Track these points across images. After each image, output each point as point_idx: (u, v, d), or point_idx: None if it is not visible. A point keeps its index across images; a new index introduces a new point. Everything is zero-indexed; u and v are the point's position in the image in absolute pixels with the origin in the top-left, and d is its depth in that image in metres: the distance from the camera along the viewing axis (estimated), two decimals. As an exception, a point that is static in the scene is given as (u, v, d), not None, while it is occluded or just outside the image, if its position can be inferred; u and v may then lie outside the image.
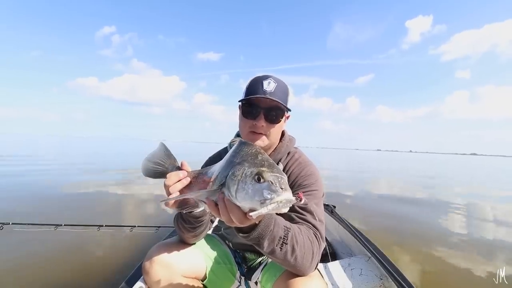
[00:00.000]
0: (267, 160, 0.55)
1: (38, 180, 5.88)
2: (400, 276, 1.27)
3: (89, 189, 5.26)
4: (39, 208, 3.67)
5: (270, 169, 0.51)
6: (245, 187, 0.50)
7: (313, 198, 0.90)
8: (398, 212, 4.50)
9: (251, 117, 0.94)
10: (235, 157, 0.59)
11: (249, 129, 0.95)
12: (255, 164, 0.53)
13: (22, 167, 7.92)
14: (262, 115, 0.93)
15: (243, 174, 0.51)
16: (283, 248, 0.70)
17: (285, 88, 0.96)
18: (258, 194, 0.48)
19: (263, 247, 0.68)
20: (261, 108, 0.93)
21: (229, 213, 0.54)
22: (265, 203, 0.48)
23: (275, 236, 0.68)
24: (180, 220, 0.92)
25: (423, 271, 2.30)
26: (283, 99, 0.93)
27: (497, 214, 4.76)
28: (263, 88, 0.91)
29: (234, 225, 0.57)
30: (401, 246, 2.86)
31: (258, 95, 0.90)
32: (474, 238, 3.34)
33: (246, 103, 0.95)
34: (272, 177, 0.49)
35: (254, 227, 0.65)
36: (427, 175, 12.76)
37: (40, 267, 2.03)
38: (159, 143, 0.77)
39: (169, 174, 0.69)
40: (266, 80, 0.92)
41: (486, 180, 12.11)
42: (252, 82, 0.95)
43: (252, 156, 0.56)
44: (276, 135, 1.00)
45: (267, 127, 0.95)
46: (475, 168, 22.19)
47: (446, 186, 8.99)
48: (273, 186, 0.48)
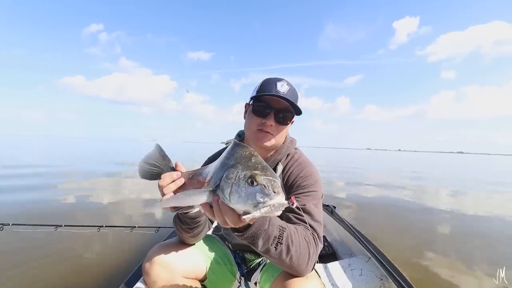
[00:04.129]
0: (261, 163, 0.55)
1: (37, 181, 5.88)
2: (400, 276, 1.27)
3: (89, 189, 5.27)
4: (39, 209, 3.67)
5: (263, 172, 0.52)
6: (238, 190, 0.51)
7: (311, 199, 0.90)
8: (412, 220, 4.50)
9: (261, 115, 0.94)
10: (229, 159, 0.59)
11: (257, 127, 0.95)
12: (249, 167, 0.53)
13: (21, 167, 7.93)
14: (273, 114, 0.93)
15: (237, 177, 0.52)
16: (277, 248, 0.70)
17: (296, 93, 0.96)
18: (251, 197, 0.49)
19: (258, 246, 0.69)
20: (272, 107, 0.93)
21: (223, 215, 0.55)
22: (258, 207, 0.48)
23: (269, 235, 0.69)
24: (178, 221, 0.93)
25: (421, 271, 2.29)
26: (295, 102, 0.94)
27: (496, 214, 4.76)
28: (277, 88, 0.91)
29: (228, 226, 0.58)
30: (396, 246, 2.86)
31: (271, 94, 0.91)
32: (474, 238, 3.34)
33: (258, 101, 0.95)
34: (265, 181, 0.50)
35: (249, 226, 0.66)
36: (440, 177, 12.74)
37: (40, 268, 2.03)
38: (154, 145, 0.77)
39: (163, 175, 0.69)
40: (280, 82, 0.93)
41: (486, 177, 12.11)
42: (265, 82, 0.96)
43: (245, 159, 0.56)
44: (282, 137, 1.00)
45: (276, 127, 0.95)
46: (471, 167, 22.25)
47: (454, 185, 9.00)
48: (266, 190, 0.49)
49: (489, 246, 3.05)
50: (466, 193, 6.10)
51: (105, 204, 4.18)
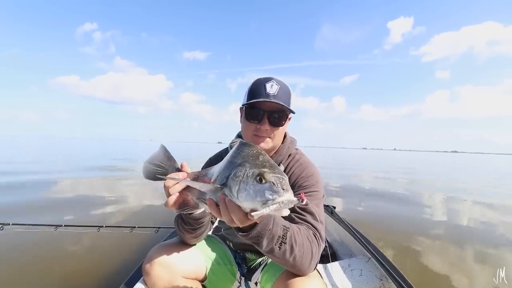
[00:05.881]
0: (268, 161, 0.55)
1: (36, 181, 5.87)
2: (400, 277, 1.27)
3: (89, 189, 5.26)
4: (39, 209, 3.67)
5: (271, 170, 0.52)
6: (246, 188, 0.50)
7: (313, 199, 0.90)
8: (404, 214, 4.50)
9: (255, 121, 0.94)
10: (236, 158, 0.59)
11: (253, 133, 0.95)
12: (257, 165, 0.53)
13: (21, 167, 7.92)
14: (266, 118, 0.93)
15: (245, 175, 0.52)
16: (281, 247, 0.71)
17: (288, 90, 0.95)
18: (260, 195, 0.49)
19: (262, 246, 0.69)
20: (265, 111, 0.92)
21: (230, 213, 0.55)
22: (266, 204, 0.48)
23: (274, 235, 0.69)
24: (180, 221, 0.92)
25: (421, 270, 2.30)
26: (286, 101, 0.93)
27: (496, 213, 4.76)
28: (266, 91, 0.90)
29: (234, 225, 0.58)
30: (396, 243, 2.86)
31: (261, 99, 0.90)
32: (474, 237, 3.34)
33: (250, 107, 0.94)
34: (274, 178, 0.50)
35: (254, 226, 0.66)
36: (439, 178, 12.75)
37: (40, 268, 2.03)
38: (159, 145, 0.77)
39: (169, 175, 0.69)
40: (268, 82, 0.92)
41: (483, 176, 12.13)
42: (254, 85, 0.95)
43: (253, 157, 0.56)
44: (280, 137, 1.00)
45: (271, 130, 0.95)
46: (467, 166, 22.21)
47: (450, 184, 9.00)
48: (274, 187, 0.49)
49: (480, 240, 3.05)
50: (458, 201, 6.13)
51: (105, 204, 4.17)
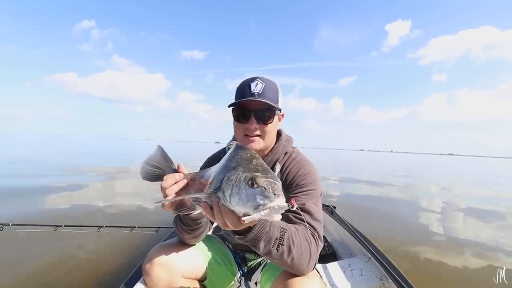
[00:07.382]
0: (262, 165, 0.55)
1: (36, 181, 5.87)
2: (400, 277, 1.27)
3: (89, 189, 5.26)
4: (39, 209, 3.67)
5: (264, 174, 0.51)
6: (239, 192, 0.50)
7: (311, 197, 0.90)
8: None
9: (243, 121, 0.94)
10: (230, 161, 0.59)
11: (243, 133, 0.95)
12: (249, 169, 0.53)
13: (20, 167, 7.92)
14: (253, 117, 0.92)
15: (237, 179, 0.52)
16: (279, 249, 0.70)
17: (274, 87, 0.95)
18: (251, 200, 0.49)
19: (259, 248, 0.68)
20: (251, 110, 0.92)
21: (224, 217, 0.55)
22: (258, 209, 0.48)
23: (271, 237, 0.69)
24: (179, 222, 0.93)
25: (421, 271, 2.29)
26: (273, 98, 0.93)
27: (495, 213, 4.76)
28: (251, 90, 0.91)
29: (228, 228, 0.57)
30: (397, 246, 2.86)
31: (246, 98, 0.91)
32: (474, 237, 3.34)
33: (237, 107, 0.95)
34: (266, 183, 0.50)
35: (250, 229, 0.65)
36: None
37: (40, 268, 2.02)
38: (156, 146, 0.77)
39: (166, 176, 0.69)
40: (253, 82, 0.92)
41: (482, 179, 12.12)
42: (240, 86, 0.96)
43: (246, 161, 0.56)
44: (271, 135, 0.99)
45: (260, 128, 0.94)
46: (464, 169, 22.06)
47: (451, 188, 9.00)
48: (266, 192, 0.49)
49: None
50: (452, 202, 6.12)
51: (105, 204, 4.17)
